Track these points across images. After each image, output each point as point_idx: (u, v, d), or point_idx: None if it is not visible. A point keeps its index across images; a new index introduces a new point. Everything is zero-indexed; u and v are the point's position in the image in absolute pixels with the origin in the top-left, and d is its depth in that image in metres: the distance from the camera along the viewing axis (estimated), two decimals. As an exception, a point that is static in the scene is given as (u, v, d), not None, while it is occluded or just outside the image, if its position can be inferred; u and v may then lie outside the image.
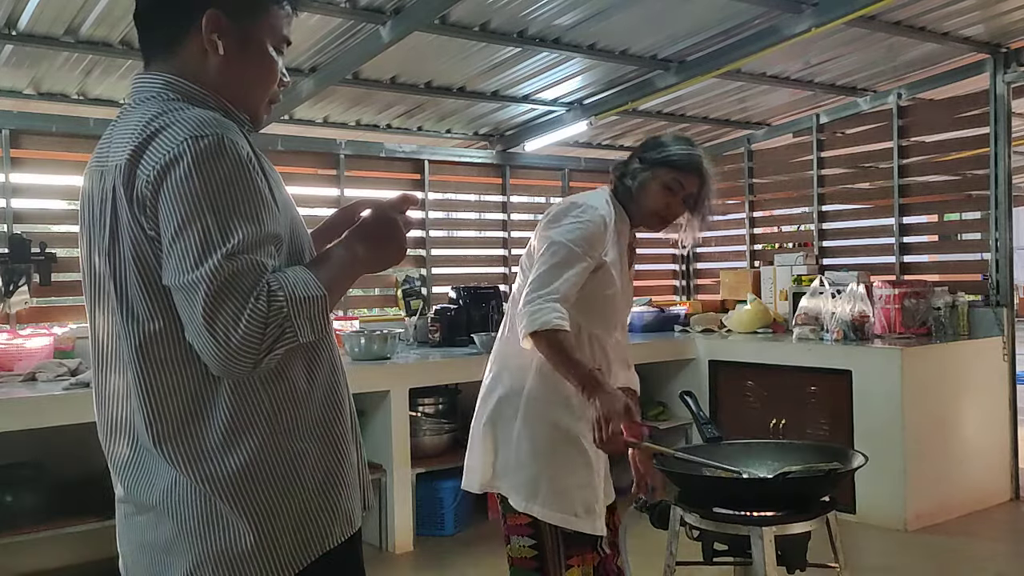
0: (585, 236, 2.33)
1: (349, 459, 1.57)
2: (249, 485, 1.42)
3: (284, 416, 1.46)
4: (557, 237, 2.34)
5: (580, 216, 2.36)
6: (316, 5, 3.74)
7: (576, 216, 2.36)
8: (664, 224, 2.54)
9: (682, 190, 2.47)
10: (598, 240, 2.35)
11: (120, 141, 1.42)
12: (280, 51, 1.57)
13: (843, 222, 6.08)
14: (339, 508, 1.53)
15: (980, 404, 5.01)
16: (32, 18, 3.68)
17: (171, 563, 1.45)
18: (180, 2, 1.49)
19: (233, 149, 1.37)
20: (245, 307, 1.32)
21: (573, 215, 2.37)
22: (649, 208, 2.48)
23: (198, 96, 1.48)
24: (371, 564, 4.76)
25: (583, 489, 2.36)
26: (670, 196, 2.47)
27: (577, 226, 2.34)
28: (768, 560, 2.11)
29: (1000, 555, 4.35)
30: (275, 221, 1.42)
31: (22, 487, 3.79)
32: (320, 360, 1.54)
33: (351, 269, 1.51)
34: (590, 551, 2.37)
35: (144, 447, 1.45)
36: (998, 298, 5.16)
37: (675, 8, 4.24)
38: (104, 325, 1.48)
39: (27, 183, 4.66)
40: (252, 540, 1.43)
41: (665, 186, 2.46)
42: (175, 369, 1.41)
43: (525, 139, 6.00)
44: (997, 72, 5.08)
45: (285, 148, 5.28)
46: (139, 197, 1.37)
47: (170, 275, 1.35)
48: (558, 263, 2.29)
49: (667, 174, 2.46)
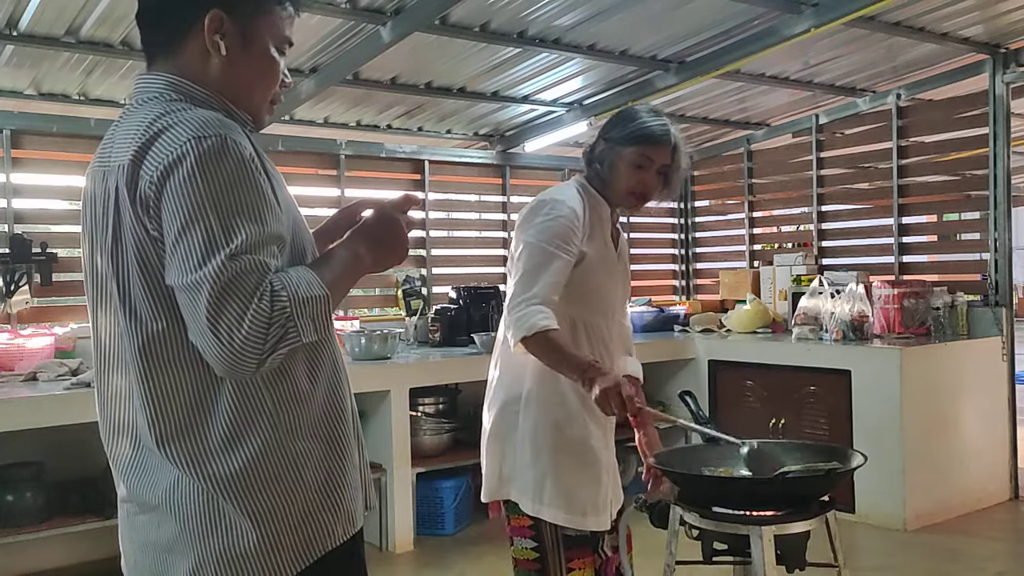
0: (557, 233, 2.30)
1: (351, 459, 1.57)
2: (252, 484, 1.43)
3: (287, 416, 1.46)
4: (530, 239, 2.32)
5: (549, 213, 2.33)
6: (317, 5, 3.74)
7: (545, 214, 2.34)
8: (643, 201, 2.45)
9: (652, 164, 2.38)
10: (571, 234, 2.32)
11: (123, 141, 1.42)
12: (282, 52, 1.57)
13: (842, 222, 6.09)
14: (341, 507, 1.53)
15: (979, 404, 5.01)
16: (33, 18, 3.68)
17: (174, 562, 1.45)
18: (183, 2, 1.50)
19: (236, 150, 1.37)
20: (248, 307, 1.32)
21: (543, 214, 2.34)
22: (623, 189, 2.41)
23: (200, 96, 1.48)
24: (371, 564, 4.76)
25: (590, 487, 2.35)
26: (642, 172, 2.39)
27: (548, 224, 2.31)
28: (767, 559, 2.11)
29: (999, 555, 4.36)
30: (278, 221, 1.43)
31: (22, 487, 3.78)
32: (322, 360, 1.54)
33: (353, 269, 1.52)
34: (591, 553, 2.37)
35: (146, 447, 1.45)
36: (997, 298, 5.17)
37: (675, 8, 4.24)
38: (107, 325, 1.48)
39: (28, 183, 4.66)
40: (255, 539, 1.43)
41: (634, 164, 2.38)
42: (178, 369, 1.42)
43: (525, 139, 6.01)
44: (996, 72, 5.09)
45: (286, 148, 5.28)
46: (142, 197, 1.37)
47: (173, 275, 1.36)
48: (534, 266, 2.28)
49: (633, 152, 2.37)
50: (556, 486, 2.31)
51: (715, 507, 2.22)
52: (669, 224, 7.06)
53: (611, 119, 2.49)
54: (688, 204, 7.03)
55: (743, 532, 2.16)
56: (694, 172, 6.98)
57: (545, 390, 2.35)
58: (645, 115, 2.41)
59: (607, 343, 2.45)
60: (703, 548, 2.29)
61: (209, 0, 1.47)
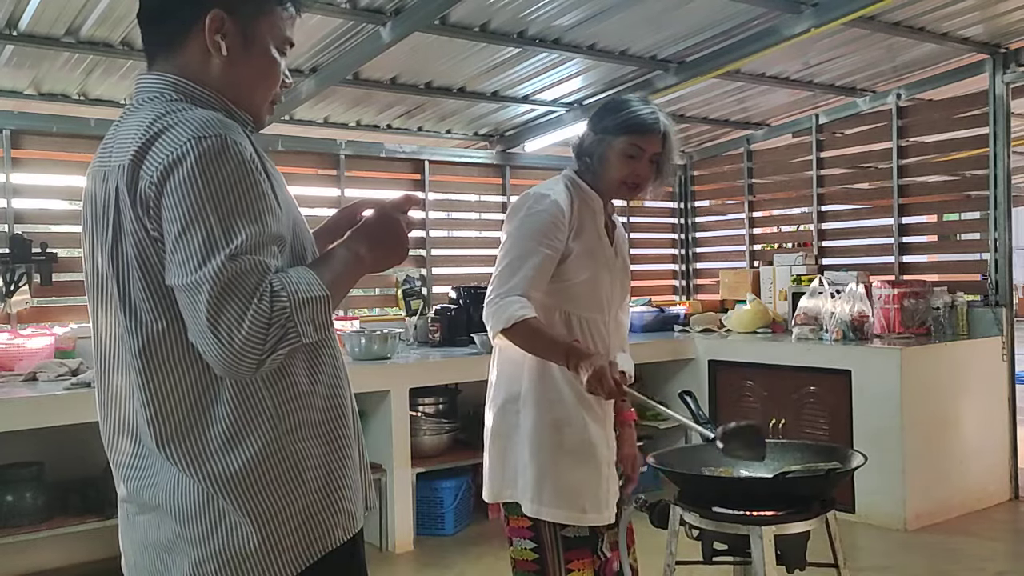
0: (539, 227, 2.27)
1: (352, 459, 1.57)
2: (252, 485, 1.43)
3: (287, 416, 1.46)
4: (512, 233, 2.31)
5: (533, 208, 2.31)
6: (317, 5, 3.74)
7: (529, 208, 2.32)
8: (637, 191, 2.40)
9: (644, 153, 2.33)
10: (555, 228, 2.29)
11: (123, 141, 1.42)
12: (283, 52, 1.57)
13: (842, 222, 6.09)
14: (342, 508, 1.53)
15: (979, 404, 5.01)
16: (33, 18, 3.68)
17: (174, 562, 1.45)
18: (184, 2, 1.49)
19: (236, 150, 1.37)
20: (248, 307, 1.33)
21: (527, 207, 2.32)
22: (614, 180, 2.36)
23: (201, 97, 1.48)
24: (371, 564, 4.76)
25: (588, 482, 2.33)
26: (634, 163, 2.34)
27: (529, 218, 2.30)
28: (767, 560, 2.11)
29: (999, 555, 4.36)
30: (278, 222, 1.43)
31: (22, 487, 3.79)
32: (322, 360, 1.54)
33: (354, 269, 1.52)
34: (590, 555, 2.36)
35: (147, 447, 1.45)
36: (997, 298, 5.16)
37: (675, 8, 4.24)
38: (107, 326, 1.48)
39: (28, 183, 4.66)
40: (256, 539, 1.43)
41: (625, 154, 2.33)
42: (178, 370, 1.42)
43: (525, 139, 6.01)
44: (996, 72, 5.08)
45: (286, 148, 5.28)
46: (142, 197, 1.37)
47: (173, 275, 1.36)
48: (513, 260, 2.26)
49: (624, 141, 2.32)
50: (555, 486, 2.30)
51: (715, 507, 2.22)
52: (669, 224, 7.06)
53: (599, 109, 2.44)
54: (688, 204, 7.03)
55: (743, 532, 2.16)
56: (694, 172, 6.98)
57: (542, 387, 2.33)
58: (635, 103, 2.37)
59: (605, 339, 2.42)
60: (703, 548, 2.29)
61: (210, 0, 1.47)
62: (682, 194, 7.02)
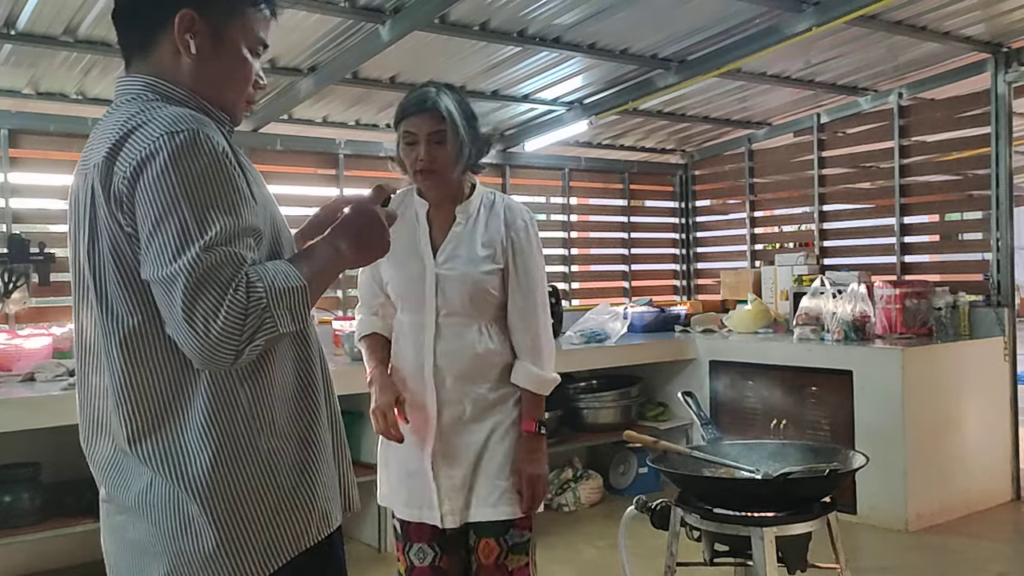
0: None
1: (324, 455, 1.56)
2: (220, 484, 1.42)
3: (261, 413, 1.46)
4: None
5: None
6: (316, 4, 3.72)
7: None
8: (432, 176, 2.34)
9: (419, 136, 2.30)
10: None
11: (99, 141, 1.44)
12: (256, 53, 1.58)
13: (844, 222, 6.08)
14: (315, 506, 1.52)
15: (981, 404, 4.99)
16: (31, 17, 3.67)
17: (149, 564, 1.45)
18: (153, 3, 1.50)
19: (208, 143, 1.38)
20: (224, 298, 1.32)
21: None
22: (410, 170, 2.36)
23: (176, 96, 1.49)
24: (370, 564, 4.74)
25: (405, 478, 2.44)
26: (415, 148, 2.32)
27: None
28: (769, 561, 2.10)
29: (1001, 556, 4.35)
30: (253, 214, 1.43)
31: (19, 487, 3.77)
32: (299, 356, 1.54)
33: (333, 263, 1.52)
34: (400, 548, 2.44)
35: (120, 448, 1.46)
36: (999, 298, 5.15)
37: (675, 7, 4.23)
38: (87, 323, 1.49)
39: (26, 183, 4.65)
40: (214, 540, 1.41)
41: (405, 143, 2.34)
42: (153, 367, 1.42)
43: (525, 139, 5.99)
44: (998, 72, 5.07)
45: (284, 148, 5.28)
46: (116, 194, 1.38)
47: (149, 269, 1.36)
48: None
49: (400, 132, 2.35)
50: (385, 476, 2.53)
51: (716, 508, 2.21)
52: (670, 224, 7.05)
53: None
54: (689, 204, 7.02)
55: (744, 533, 2.15)
56: (695, 172, 6.98)
57: None
58: (411, 92, 2.37)
59: (432, 342, 2.37)
60: (704, 549, 2.28)
61: (180, 0, 1.47)
62: (683, 194, 7.02)
